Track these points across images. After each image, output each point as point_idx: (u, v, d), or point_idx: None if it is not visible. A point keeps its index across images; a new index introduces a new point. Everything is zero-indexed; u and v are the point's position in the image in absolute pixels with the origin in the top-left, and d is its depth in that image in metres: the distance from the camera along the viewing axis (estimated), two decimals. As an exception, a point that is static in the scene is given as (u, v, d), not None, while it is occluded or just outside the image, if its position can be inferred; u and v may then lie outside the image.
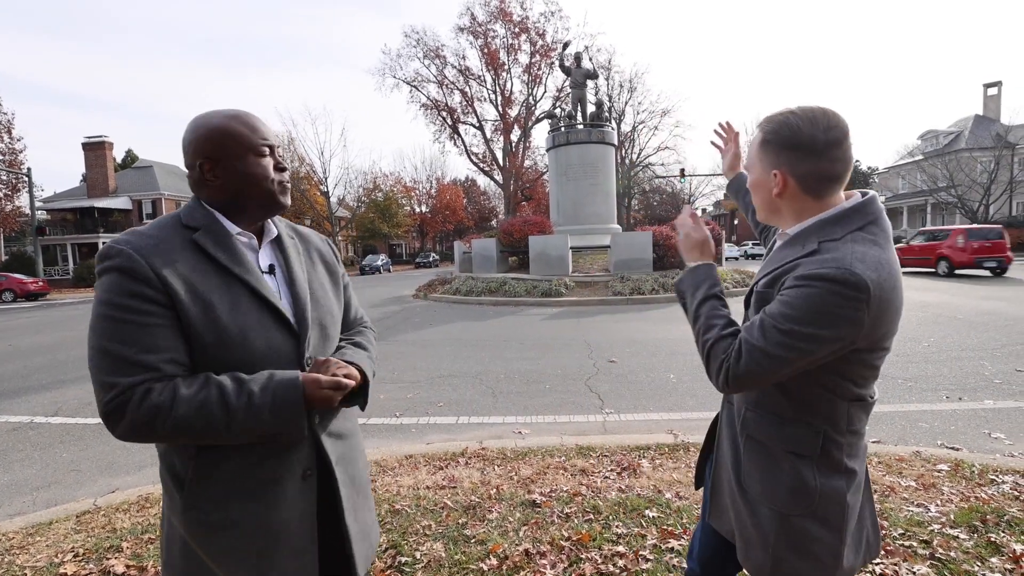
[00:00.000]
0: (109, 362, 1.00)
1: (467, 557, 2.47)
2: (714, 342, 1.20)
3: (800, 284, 1.09)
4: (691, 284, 1.33)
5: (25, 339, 11.25)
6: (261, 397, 1.05)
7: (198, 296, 1.07)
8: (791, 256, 1.18)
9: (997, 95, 43.82)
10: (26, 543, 2.82)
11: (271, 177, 1.19)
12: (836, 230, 1.15)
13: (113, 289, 1.02)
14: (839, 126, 1.15)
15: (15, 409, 5.74)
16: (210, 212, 1.17)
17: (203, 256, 1.11)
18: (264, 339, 1.13)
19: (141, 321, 1.02)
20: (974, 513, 2.69)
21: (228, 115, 1.17)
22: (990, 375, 5.54)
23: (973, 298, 11.32)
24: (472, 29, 40.45)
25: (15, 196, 34.25)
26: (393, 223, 50.34)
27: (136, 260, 1.03)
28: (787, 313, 1.09)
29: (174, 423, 1.00)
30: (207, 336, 1.06)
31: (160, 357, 1.02)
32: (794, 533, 1.23)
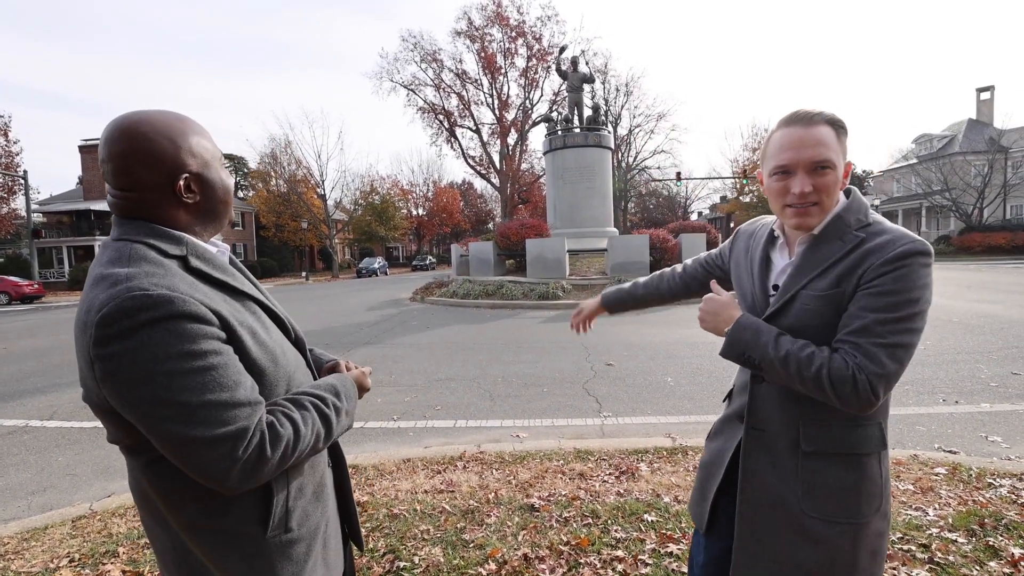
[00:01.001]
0: (220, 413, 0.88)
1: (466, 562, 2.46)
2: (826, 367, 1.11)
3: (892, 268, 1.11)
4: (749, 336, 1.22)
5: (20, 342, 11.19)
6: (340, 402, 1.11)
7: (243, 324, 0.99)
8: (836, 252, 1.18)
9: (990, 99, 44.10)
10: (21, 548, 2.80)
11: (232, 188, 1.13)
12: (860, 217, 1.20)
13: (180, 339, 0.86)
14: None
15: (10, 413, 5.71)
16: (181, 235, 1.01)
17: (209, 282, 1.01)
18: (292, 353, 1.13)
19: (225, 362, 0.91)
20: (972, 517, 2.69)
21: (185, 118, 1.04)
22: (986, 378, 5.56)
23: (968, 301, 11.36)
24: (469, 33, 40.47)
25: (11, 199, 34.09)
26: (390, 226, 50.27)
27: (189, 301, 0.89)
28: (897, 300, 1.10)
29: (300, 449, 0.97)
30: (264, 361, 1.01)
31: (255, 391, 0.95)
32: (871, 537, 1.21)
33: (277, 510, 1.03)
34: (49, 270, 37.49)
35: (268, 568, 1.04)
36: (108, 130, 0.96)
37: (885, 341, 1.09)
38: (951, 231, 38.11)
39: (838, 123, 1.20)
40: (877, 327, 1.09)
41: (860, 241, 1.16)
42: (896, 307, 1.09)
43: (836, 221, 1.21)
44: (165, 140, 0.97)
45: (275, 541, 1.04)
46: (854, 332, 1.11)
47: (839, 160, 1.19)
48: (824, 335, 1.17)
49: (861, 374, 1.08)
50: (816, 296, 1.18)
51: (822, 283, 1.18)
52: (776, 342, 1.17)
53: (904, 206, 44.44)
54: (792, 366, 1.14)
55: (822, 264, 1.19)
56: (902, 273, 1.10)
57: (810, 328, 1.19)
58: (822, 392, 1.11)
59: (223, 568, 1.02)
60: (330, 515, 1.21)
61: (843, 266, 1.16)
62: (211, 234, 1.11)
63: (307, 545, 1.11)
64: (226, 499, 0.99)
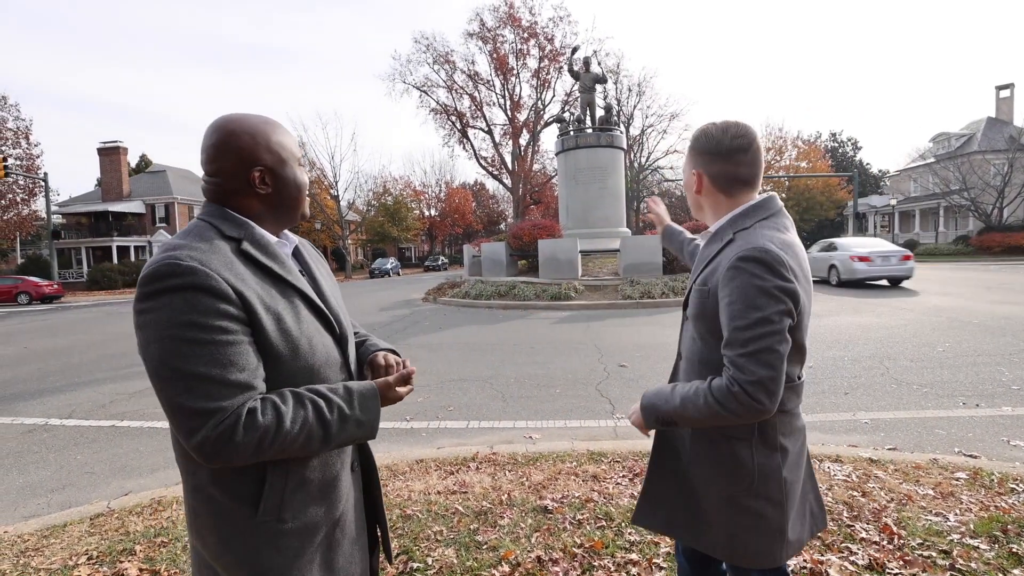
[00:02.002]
0: (205, 387, 0.94)
1: (479, 563, 2.45)
2: (709, 394, 1.23)
3: (729, 277, 1.23)
4: (655, 401, 1.36)
5: (40, 341, 11.38)
6: (350, 409, 1.08)
7: (269, 309, 1.04)
8: (714, 251, 1.34)
9: (1010, 97, 43.40)
10: (41, 545, 2.84)
11: (304, 187, 1.20)
12: (746, 221, 1.33)
13: (192, 309, 0.94)
14: (746, 135, 1.34)
15: (30, 411, 5.80)
16: (246, 221, 1.12)
17: (255, 266, 1.08)
18: (323, 346, 1.14)
19: (229, 340, 0.97)
20: (995, 523, 2.64)
21: (272, 121, 1.16)
22: (1008, 381, 5.45)
23: (988, 302, 11.17)
24: (481, 34, 40.59)
25: (32, 200, 34.74)
26: (402, 227, 50.54)
27: (212, 276, 0.97)
28: (738, 309, 1.20)
29: (280, 443, 0.99)
30: (282, 348, 1.05)
31: (253, 375, 1.00)
32: (740, 511, 1.35)
33: (270, 497, 1.07)
34: (68, 270, 38.19)
35: (253, 551, 1.08)
36: (208, 126, 1.12)
37: (747, 350, 1.18)
38: (970, 231, 37.52)
39: (692, 139, 1.42)
40: (736, 336, 1.19)
41: (728, 243, 1.31)
42: (743, 315, 1.19)
43: (726, 223, 1.37)
44: (247, 136, 1.10)
45: (264, 527, 1.07)
46: (725, 346, 1.23)
47: (685, 167, 1.46)
48: (702, 325, 1.35)
49: (735, 386, 1.18)
50: (696, 289, 1.36)
51: (700, 278, 1.36)
52: (671, 394, 1.32)
53: (922, 206, 43.86)
54: (690, 408, 1.26)
55: (704, 261, 1.37)
56: (737, 283, 1.20)
57: (695, 318, 1.37)
58: (718, 416, 1.22)
59: (217, 538, 1.08)
60: (342, 518, 1.20)
61: (712, 265, 1.32)
62: (283, 226, 1.21)
63: (300, 541, 1.11)
64: (228, 472, 1.05)
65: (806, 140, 52.64)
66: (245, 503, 1.07)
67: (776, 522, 1.35)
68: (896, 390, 5.33)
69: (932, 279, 17.55)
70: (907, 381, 5.60)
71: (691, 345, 1.44)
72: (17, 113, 33.66)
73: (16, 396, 6.52)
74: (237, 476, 1.06)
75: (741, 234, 1.30)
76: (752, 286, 1.18)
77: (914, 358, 6.57)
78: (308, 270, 1.25)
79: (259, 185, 1.12)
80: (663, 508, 1.51)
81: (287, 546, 1.10)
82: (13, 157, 32.89)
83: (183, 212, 41.77)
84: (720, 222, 1.38)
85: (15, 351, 10.17)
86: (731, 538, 1.38)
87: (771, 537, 1.36)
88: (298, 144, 1.21)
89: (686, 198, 1.51)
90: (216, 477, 1.06)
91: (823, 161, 50.43)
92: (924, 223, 44.56)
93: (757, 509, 1.34)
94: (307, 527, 1.13)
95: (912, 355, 6.74)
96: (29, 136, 34.01)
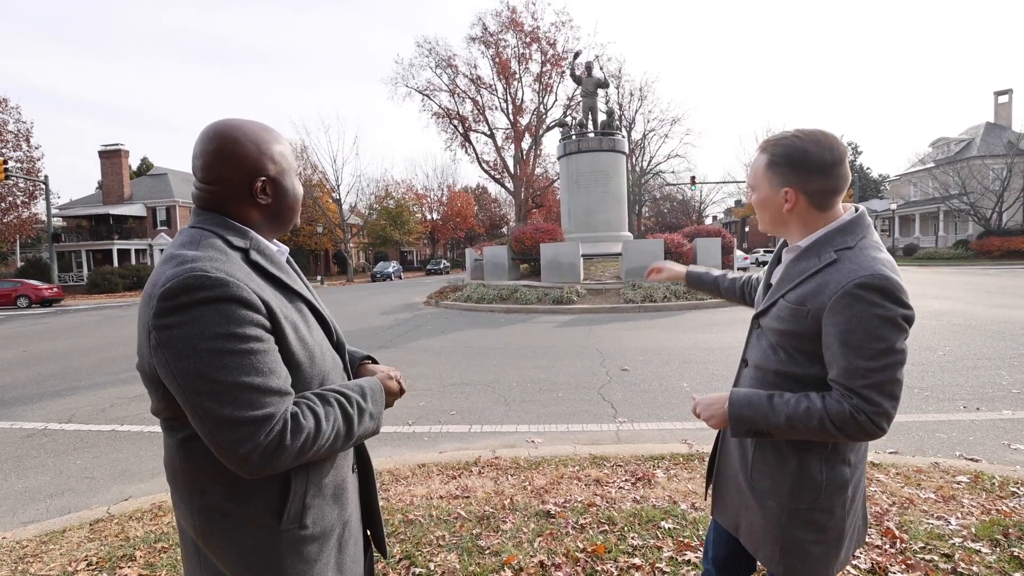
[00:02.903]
0: (250, 396, 0.93)
1: (482, 568, 2.45)
2: (826, 418, 1.20)
3: (846, 302, 1.18)
4: (746, 411, 1.30)
5: (40, 345, 11.37)
6: (365, 402, 1.11)
7: (287, 318, 1.05)
8: (812, 268, 1.27)
9: (1008, 102, 43.49)
10: (40, 551, 2.83)
11: (300, 198, 1.21)
12: (847, 240, 1.27)
13: (228, 320, 0.93)
14: (840, 147, 1.27)
15: (29, 416, 5.79)
16: (247, 230, 1.10)
17: (264, 276, 1.08)
18: (329, 352, 1.18)
19: (265, 348, 0.98)
20: (996, 526, 2.63)
21: (272, 130, 1.14)
22: (1008, 385, 5.45)
23: (987, 306, 11.17)
24: (484, 39, 40.73)
25: (32, 203, 34.74)
26: (404, 230, 50.55)
27: (243, 287, 0.97)
28: (859, 339, 1.16)
29: (320, 442, 1.00)
30: (302, 356, 1.06)
31: (287, 382, 1.01)
32: (801, 525, 1.33)
33: (293, 504, 1.07)
34: (68, 273, 38.18)
35: (277, 561, 1.06)
36: (204, 131, 1.08)
37: (871, 381, 1.16)
38: (969, 235, 37.55)
39: (771, 152, 1.32)
40: (859, 367, 1.16)
41: (832, 262, 1.24)
42: (865, 346, 1.16)
43: (822, 239, 1.30)
44: (251, 145, 1.08)
45: (288, 535, 1.07)
46: (842, 374, 1.19)
47: (762, 184, 1.34)
48: (788, 341, 1.31)
49: (861, 415, 1.17)
50: (788, 306, 1.30)
51: (793, 295, 1.29)
52: (772, 408, 1.26)
53: (921, 210, 43.87)
54: (799, 427, 1.23)
55: (799, 277, 1.29)
56: (857, 311, 1.16)
57: (779, 332, 1.32)
58: (830, 435, 1.21)
59: (235, 554, 1.05)
60: (350, 519, 1.22)
61: (812, 284, 1.26)
62: (277, 235, 1.20)
63: (319, 546, 1.12)
64: (247, 485, 1.04)
65: (806, 144, 52.51)
66: (268, 513, 1.06)
67: (835, 538, 1.33)
68: (897, 394, 5.32)
69: (932, 283, 17.55)
70: (908, 385, 5.59)
71: (766, 356, 1.39)
72: (18, 116, 33.71)
73: (15, 400, 6.51)
74: (259, 487, 1.05)
75: (845, 254, 1.24)
76: (875, 316, 1.15)
77: (915, 362, 6.56)
78: (301, 277, 1.24)
79: (260, 195, 1.10)
80: (729, 510, 1.53)
81: (308, 551, 1.11)
82: (14, 160, 32.91)
83: (184, 215, 41.76)
84: (813, 237, 1.31)
85: (14, 355, 10.16)
86: (786, 552, 1.35)
87: (827, 553, 1.34)
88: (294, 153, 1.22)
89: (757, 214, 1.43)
90: (232, 493, 1.04)
91: (823, 165, 50.30)
92: (924, 227, 44.56)
93: (820, 523, 1.32)
94: (324, 531, 1.14)
95: (913, 359, 6.73)
96: (30, 139, 34.04)
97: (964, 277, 20.03)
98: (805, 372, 1.30)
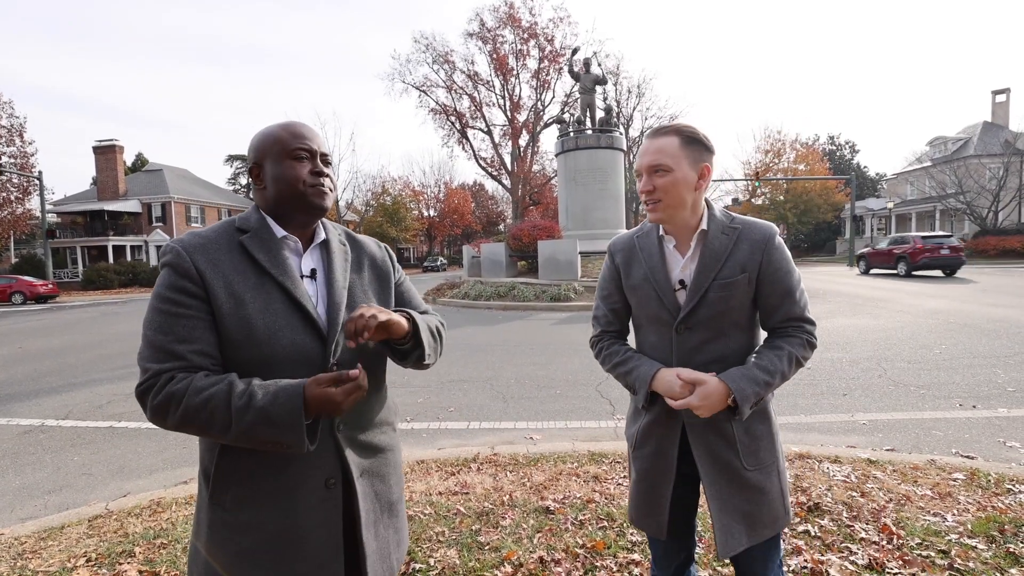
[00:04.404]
0: (149, 349, 1.08)
1: (481, 564, 2.46)
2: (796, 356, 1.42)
3: (777, 251, 1.42)
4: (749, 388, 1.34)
5: (35, 342, 11.33)
6: (262, 399, 1.03)
7: (232, 294, 1.12)
8: (728, 244, 1.42)
9: (1006, 102, 43.66)
10: (38, 548, 2.82)
11: (303, 179, 1.19)
12: (729, 215, 1.47)
13: (162, 283, 1.10)
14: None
15: (26, 412, 5.77)
16: (262, 217, 1.21)
17: (246, 257, 1.17)
18: (291, 340, 1.14)
19: (178, 312, 1.09)
20: (992, 523, 2.65)
21: (278, 124, 1.23)
22: (1003, 383, 5.49)
23: (983, 305, 11.22)
24: (481, 35, 40.57)
25: (26, 199, 34.50)
26: (401, 227, 50.46)
27: (182, 256, 1.11)
28: (793, 276, 1.43)
29: (182, 412, 1.04)
30: (236, 332, 1.11)
31: (190, 348, 1.08)
32: (783, 473, 1.52)
33: (214, 477, 1.16)
34: (63, 270, 38.01)
35: (206, 526, 1.17)
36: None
37: (804, 304, 1.45)
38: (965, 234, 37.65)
39: (683, 132, 1.39)
40: (799, 298, 1.43)
41: (739, 233, 1.43)
42: (795, 284, 1.43)
43: (721, 216, 1.46)
44: (257, 138, 1.22)
45: (215, 508, 1.16)
46: (792, 310, 1.43)
47: (678, 164, 1.37)
48: (731, 317, 1.42)
49: (811, 337, 1.44)
50: (724, 283, 1.40)
51: (728, 270, 1.40)
52: (767, 373, 1.37)
53: (918, 209, 44.01)
54: (786, 376, 1.40)
55: (722, 255, 1.41)
56: (783, 255, 1.43)
57: (721, 313, 1.41)
58: (797, 369, 1.43)
59: (196, 506, 1.23)
60: (297, 534, 1.15)
61: (735, 255, 1.41)
62: (289, 220, 1.22)
63: (243, 537, 1.14)
64: (203, 444, 1.20)
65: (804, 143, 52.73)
66: (203, 477, 1.19)
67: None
68: (894, 391, 5.36)
69: (928, 281, 17.62)
70: (904, 383, 5.63)
71: (708, 349, 1.43)
72: (11, 111, 33.40)
73: (11, 397, 6.48)
74: (206, 451, 1.19)
75: (740, 220, 1.46)
76: (788, 258, 1.44)
77: (911, 360, 6.59)
78: (329, 268, 1.25)
79: (257, 181, 1.22)
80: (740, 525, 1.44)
81: (231, 545, 1.14)
82: (7, 155, 32.76)
83: (180, 211, 41.64)
84: (713, 217, 1.45)
85: (9, 351, 10.11)
86: (786, 507, 1.49)
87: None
88: (305, 141, 1.19)
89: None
90: (205, 447, 1.19)
91: (821, 164, 50.53)
92: (920, 226, 44.65)
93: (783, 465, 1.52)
94: (253, 528, 1.14)
95: (909, 357, 6.77)
96: (23, 134, 33.74)
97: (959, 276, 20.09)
98: (754, 331, 1.49)
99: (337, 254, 1.29)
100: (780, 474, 1.49)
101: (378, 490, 1.28)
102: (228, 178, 61.21)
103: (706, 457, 1.44)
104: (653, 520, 1.53)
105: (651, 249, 1.49)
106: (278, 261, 1.18)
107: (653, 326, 1.50)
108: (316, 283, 1.24)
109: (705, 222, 1.43)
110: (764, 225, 1.44)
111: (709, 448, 1.44)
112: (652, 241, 1.50)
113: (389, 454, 1.34)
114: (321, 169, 1.22)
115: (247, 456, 1.13)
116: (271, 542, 1.14)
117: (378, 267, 1.38)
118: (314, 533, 1.16)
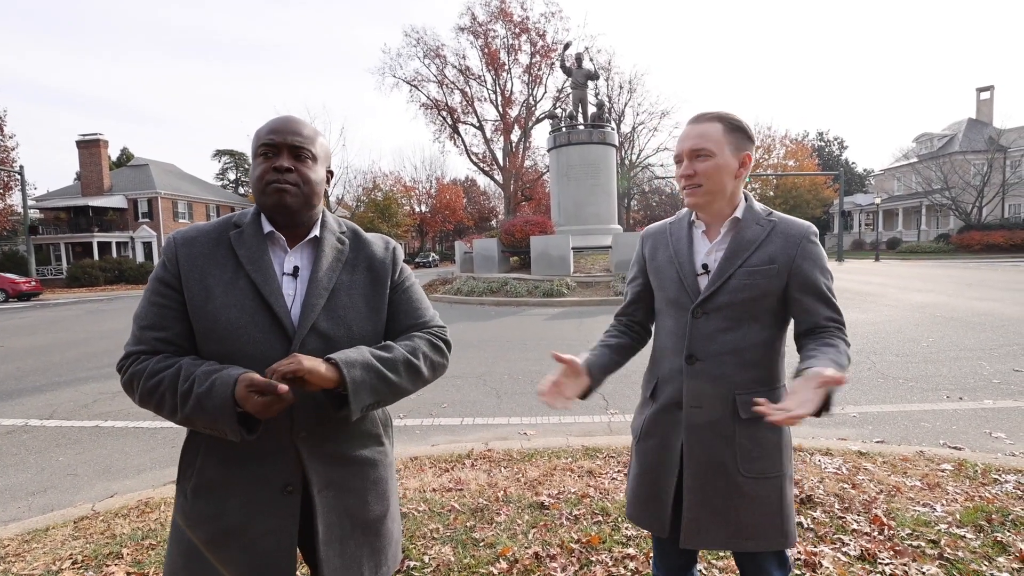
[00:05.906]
0: (135, 328, 1.17)
1: (476, 560, 2.44)
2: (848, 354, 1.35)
3: (812, 248, 1.39)
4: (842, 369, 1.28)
5: (18, 340, 11.15)
6: (199, 386, 1.06)
7: (203, 286, 1.15)
8: (761, 234, 1.40)
9: (990, 99, 44.25)
10: (22, 550, 2.76)
11: (261, 177, 1.17)
12: (764, 208, 1.46)
13: (153, 271, 1.19)
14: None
15: (8, 412, 5.67)
16: (257, 213, 1.24)
17: (230, 252, 1.19)
18: (251, 337, 1.13)
19: (155, 300, 1.16)
20: (979, 513, 2.69)
21: (278, 117, 1.23)
22: (988, 375, 5.56)
23: (968, 299, 11.36)
24: (472, 29, 40.33)
25: (7, 194, 33.84)
26: (393, 223, 50.12)
27: (170, 248, 1.19)
28: (826, 275, 1.40)
29: (141, 393, 1.11)
30: (199, 323, 1.15)
31: (158, 335, 1.14)
32: (789, 485, 1.44)
33: (180, 463, 1.23)
34: (47, 267, 37.38)
35: (175, 512, 1.22)
36: None
37: (837, 305, 1.41)
38: (950, 229, 38.14)
39: (727, 119, 1.38)
40: (833, 301, 1.39)
41: (774, 226, 1.41)
42: (830, 284, 1.40)
43: (759, 209, 1.44)
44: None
45: (179, 495, 1.22)
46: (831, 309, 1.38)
47: (720, 150, 1.36)
48: (751, 309, 1.38)
49: (847, 336, 1.39)
50: (751, 271, 1.37)
51: (757, 259, 1.38)
52: (839, 365, 1.27)
53: (904, 204, 44.50)
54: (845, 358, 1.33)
55: (753, 244, 1.39)
56: (819, 253, 1.40)
57: (747, 300, 1.38)
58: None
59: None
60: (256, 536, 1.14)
61: (768, 245, 1.38)
62: (272, 220, 1.23)
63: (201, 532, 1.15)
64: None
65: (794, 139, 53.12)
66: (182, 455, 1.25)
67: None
68: (883, 384, 5.41)
69: (914, 276, 17.83)
70: (893, 375, 5.68)
71: (722, 339, 1.39)
72: (-10, 104, 32.83)
73: (-4, 395, 6.37)
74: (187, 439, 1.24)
75: (777, 215, 1.44)
76: (824, 255, 1.42)
77: (899, 353, 6.66)
78: (315, 266, 1.22)
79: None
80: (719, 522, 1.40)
81: (186, 526, 1.18)
82: (-15, 148, 32.14)
83: (167, 207, 41.06)
84: (750, 207, 1.44)
85: (-6, 349, 9.95)
86: (787, 518, 1.41)
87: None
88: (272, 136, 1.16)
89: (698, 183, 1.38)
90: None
91: (810, 160, 50.96)
92: (907, 221, 45.20)
93: (792, 477, 1.46)
94: (203, 516, 1.16)
95: (897, 350, 6.84)
96: (3, 128, 33.10)
97: (944, 270, 20.35)
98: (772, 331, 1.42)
99: (328, 252, 1.24)
100: (783, 491, 1.40)
101: (349, 505, 1.22)
102: (216, 173, 60.57)
103: (697, 448, 1.41)
104: (655, 516, 1.48)
105: (680, 233, 1.50)
106: (255, 257, 1.18)
107: (671, 309, 1.48)
108: (297, 281, 1.21)
109: (741, 211, 1.42)
110: (802, 223, 1.42)
111: (703, 443, 1.40)
112: (682, 225, 1.51)
113: (369, 469, 1.27)
114: (281, 164, 1.15)
115: (208, 445, 1.17)
116: (221, 539, 1.14)
117: (375, 269, 1.30)
118: (265, 539, 1.14)
